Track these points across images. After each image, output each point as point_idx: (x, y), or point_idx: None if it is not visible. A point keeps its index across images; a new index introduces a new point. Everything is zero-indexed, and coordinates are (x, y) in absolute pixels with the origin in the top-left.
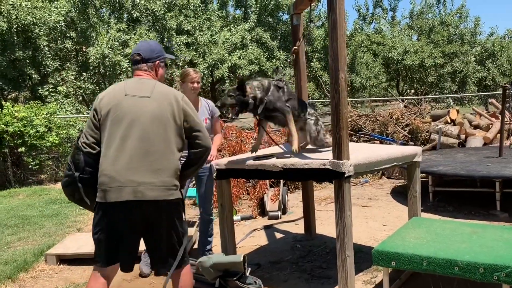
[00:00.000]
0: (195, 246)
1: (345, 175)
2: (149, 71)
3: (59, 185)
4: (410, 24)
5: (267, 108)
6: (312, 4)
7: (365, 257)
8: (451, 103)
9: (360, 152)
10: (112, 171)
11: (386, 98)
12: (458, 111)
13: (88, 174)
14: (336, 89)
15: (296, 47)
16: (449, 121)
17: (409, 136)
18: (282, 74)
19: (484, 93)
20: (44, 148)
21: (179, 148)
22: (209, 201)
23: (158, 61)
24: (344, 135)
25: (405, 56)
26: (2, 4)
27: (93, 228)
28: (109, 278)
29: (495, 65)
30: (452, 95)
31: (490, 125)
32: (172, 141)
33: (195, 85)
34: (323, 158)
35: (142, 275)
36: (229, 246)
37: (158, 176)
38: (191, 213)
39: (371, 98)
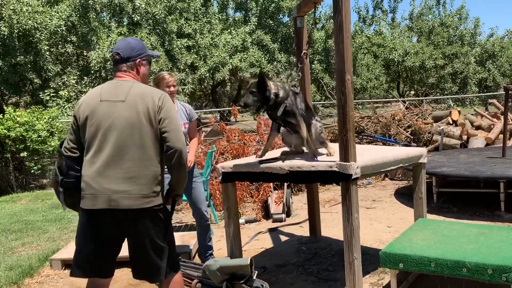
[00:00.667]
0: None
1: (352, 177)
2: (128, 71)
3: None
4: (410, 25)
5: (287, 112)
6: (316, 6)
7: (371, 259)
8: (452, 104)
9: (366, 154)
10: (88, 177)
11: (387, 99)
12: (459, 112)
13: (73, 178)
14: (343, 91)
15: (305, 51)
16: (451, 122)
17: (412, 137)
18: (296, 79)
19: (484, 94)
20: (46, 153)
21: (158, 153)
22: (202, 206)
23: (139, 59)
24: (351, 137)
25: (406, 58)
26: (4, 9)
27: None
28: (104, 285)
29: (495, 66)
30: (452, 96)
31: (492, 126)
32: (149, 146)
33: (171, 88)
34: (329, 160)
35: None
36: (235, 249)
37: (133, 184)
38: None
39: (372, 100)
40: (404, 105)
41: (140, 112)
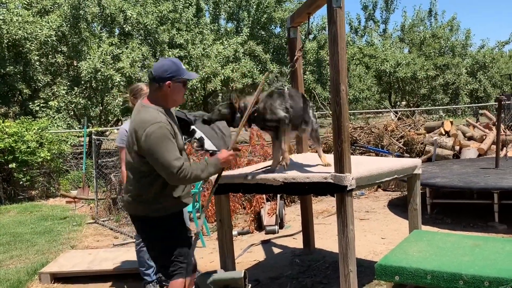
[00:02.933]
0: None
1: (348, 189)
2: (155, 91)
3: (50, 201)
4: (402, 37)
5: (263, 119)
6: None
7: (365, 272)
8: (443, 115)
9: (360, 165)
10: None
11: (378, 110)
12: (452, 123)
13: None
14: (338, 101)
15: (297, 57)
16: (443, 133)
17: (404, 148)
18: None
19: (475, 105)
20: (35, 164)
21: (145, 172)
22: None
23: (169, 82)
24: (346, 148)
25: (397, 69)
26: None
27: None
28: None
29: (486, 77)
30: (443, 107)
31: (484, 136)
32: (136, 167)
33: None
34: (324, 171)
35: None
36: (228, 261)
37: (134, 200)
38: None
39: (364, 110)
40: (395, 116)
41: (132, 136)
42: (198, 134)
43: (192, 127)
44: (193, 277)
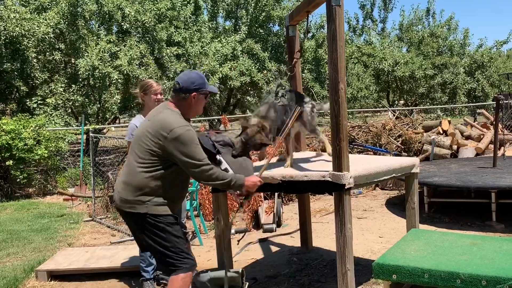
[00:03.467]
0: None
1: (346, 187)
2: (180, 101)
3: (47, 198)
4: (400, 36)
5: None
6: (309, 16)
7: (363, 270)
8: (441, 114)
9: (359, 164)
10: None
11: (376, 109)
12: (450, 122)
13: None
14: (336, 100)
15: (296, 59)
16: (441, 132)
17: (402, 146)
18: (283, 88)
19: (473, 104)
20: (33, 161)
21: (147, 165)
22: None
23: (195, 93)
24: (344, 146)
25: (396, 68)
26: None
27: None
28: None
29: (484, 76)
30: (441, 106)
31: (482, 136)
32: (142, 162)
33: (159, 96)
34: (322, 170)
35: None
36: (226, 260)
37: (133, 195)
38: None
39: (362, 109)
40: (393, 115)
41: (148, 131)
42: (224, 165)
43: (218, 157)
44: (193, 272)
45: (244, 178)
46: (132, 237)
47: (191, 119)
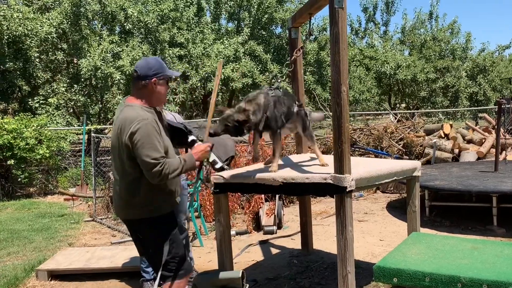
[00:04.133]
0: None
1: (347, 190)
2: (141, 89)
3: (48, 198)
4: (402, 39)
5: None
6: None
7: (363, 273)
8: (442, 118)
9: (360, 166)
10: None
11: (377, 112)
12: (451, 126)
13: None
14: (338, 102)
15: (295, 56)
16: (443, 136)
17: (404, 150)
18: (279, 81)
19: (475, 108)
20: (34, 161)
21: (132, 173)
22: (182, 217)
23: (155, 79)
24: (346, 149)
25: (398, 71)
26: None
27: None
28: None
29: (486, 81)
30: (442, 110)
31: (483, 140)
32: (125, 166)
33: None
34: (323, 172)
35: None
36: (226, 261)
37: (122, 199)
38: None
39: (363, 112)
40: (395, 118)
41: (117, 134)
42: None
43: (190, 137)
44: (188, 277)
45: (191, 154)
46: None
47: None
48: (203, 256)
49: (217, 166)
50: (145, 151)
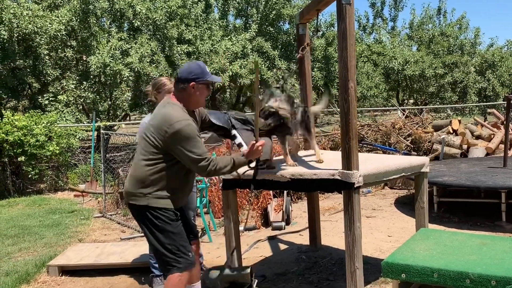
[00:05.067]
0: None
1: (355, 186)
2: (180, 92)
3: (59, 194)
4: (410, 34)
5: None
6: (319, 14)
7: (372, 269)
8: (451, 114)
9: (368, 163)
10: None
11: (385, 108)
12: (460, 121)
13: None
14: (346, 98)
15: (301, 54)
16: (451, 131)
17: (412, 146)
18: (292, 84)
19: (484, 104)
20: (44, 158)
21: (150, 159)
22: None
23: (193, 83)
24: (353, 145)
25: (406, 66)
26: (4, 13)
27: None
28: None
29: (495, 76)
30: (450, 106)
31: (492, 136)
32: (147, 158)
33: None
34: (331, 168)
35: None
36: (235, 257)
37: (137, 189)
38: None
39: (371, 108)
40: (403, 114)
41: (149, 127)
42: (238, 139)
43: (234, 132)
44: (191, 272)
45: (243, 153)
46: (142, 234)
47: None
48: (212, 251)
49: (251, 165)
50: (189, 147)
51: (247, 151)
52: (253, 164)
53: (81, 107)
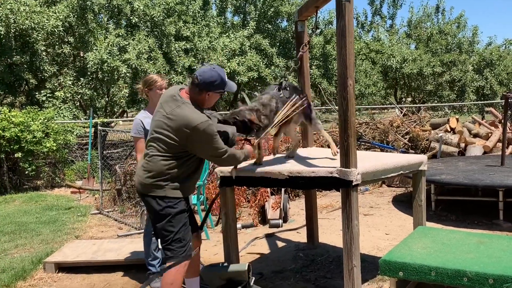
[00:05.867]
0: None
1: (353, 184)
2: (195, 93)
3: (56, 191)
4: (409, 32)
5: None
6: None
7: (369, 267)
8: (448, 112)
9: (366, 161)
10: None
11: (383, 106)
12: (457, 120)
13: None
14: (344, 96)
15: (302, 53)
16: (449, 130)
17: (409, 144)
18: (286, 79)
19: (482, 102)
20: (41, 154)
21: (167, 155)
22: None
23: (212, 92)
24: (352, 143)
25: (404, 65)
26: (0, 8)
27: None
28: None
29: (493, 74)
30: (448, 104)
31: (490, 134)
32: (165, 152)
33: (164, 91)
34: (329, 166)
35: None
36: (232, 254)
37: (154, 180)
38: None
39: (369, 106)
40: (401, 112)
41: (166, 124)
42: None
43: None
44: (188, 264)
45: (247, 148)
46: (139, 231)
47: None
48: (209, 249)
49: None
50: (213, 144)
51: (250, 150)
52: None
53: (78, 104)
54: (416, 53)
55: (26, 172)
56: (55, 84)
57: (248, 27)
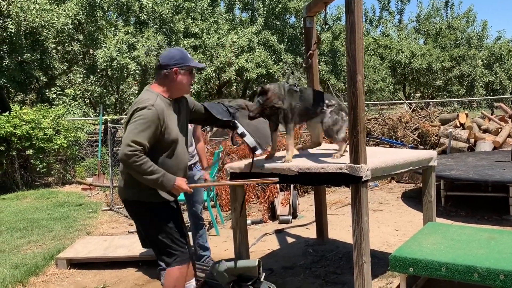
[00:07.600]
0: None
1: (363, 180)
2: (162, 78)
3: (67, 187)
4: (417, 27)
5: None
6: (326, 7)
7: (379, 263)
8: (457, 107)
9: (375, 156)
10: None
11: (392, 101)
12: (467, 115)
13: None
14: (354, 92)
15: (312, 51)
16: (458, 125)
17: (419, 139)
18: (298, 79)
19: (491, 97)
20: (52, 151)
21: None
22: (198, 207)
23: (176, 68)
24: (361, 138)
25: (412, 60)
26: (11, 6)
27: None
28: None
29: (502, 69)
30: (457, 99)
31: (499, 129)
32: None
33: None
34: (339, 162)
35: None
36: (242, 250)
37: (125, 184)
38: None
39: (378, 102)
40: (409, 107)
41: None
42: (240, 129)
43: (234, 121)
44: (190, 265)
45: (175, 179)
46: None
47: None
48: (220, 245)
49: (258, 152)
50: (133, 130)
51: (175, 185)
52: (258, 151)
53: (88, 101)
54: (424, 48)
55: (37, 169)
56: (65, 82)
57: (256, 24)
